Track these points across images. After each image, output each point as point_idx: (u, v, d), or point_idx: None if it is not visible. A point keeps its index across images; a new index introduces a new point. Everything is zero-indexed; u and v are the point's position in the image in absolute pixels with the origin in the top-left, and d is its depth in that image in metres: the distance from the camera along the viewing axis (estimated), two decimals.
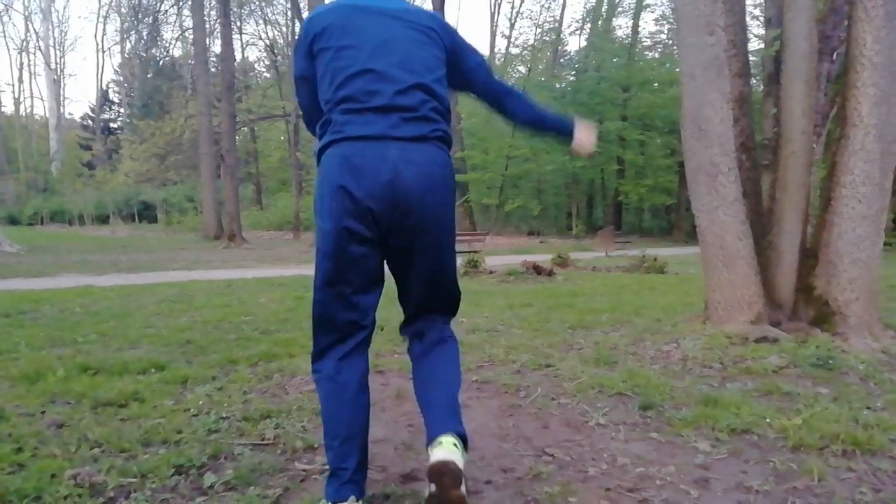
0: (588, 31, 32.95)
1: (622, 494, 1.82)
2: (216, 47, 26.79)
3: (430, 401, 1.66)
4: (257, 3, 31.59)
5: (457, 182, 1.86)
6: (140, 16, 29.65)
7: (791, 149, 3.85)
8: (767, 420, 2.35)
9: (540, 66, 34.49)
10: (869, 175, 3.54)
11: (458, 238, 13.08)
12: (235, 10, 28.32)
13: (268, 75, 36.96)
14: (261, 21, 34.41)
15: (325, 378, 1.66)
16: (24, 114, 54.36)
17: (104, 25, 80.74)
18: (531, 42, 35.70)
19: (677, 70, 10.15)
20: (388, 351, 3.75)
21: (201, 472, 1.93)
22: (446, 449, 1.48)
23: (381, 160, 1.56)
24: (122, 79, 48.26)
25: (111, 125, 49.11)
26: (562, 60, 33.65)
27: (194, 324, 4.57)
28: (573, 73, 29.59)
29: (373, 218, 1.57)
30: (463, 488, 1.44)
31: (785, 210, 3.89)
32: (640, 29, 31.47)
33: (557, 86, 28.64)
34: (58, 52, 56.28)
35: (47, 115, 53.03)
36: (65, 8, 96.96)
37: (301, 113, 1.90)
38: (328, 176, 1.59)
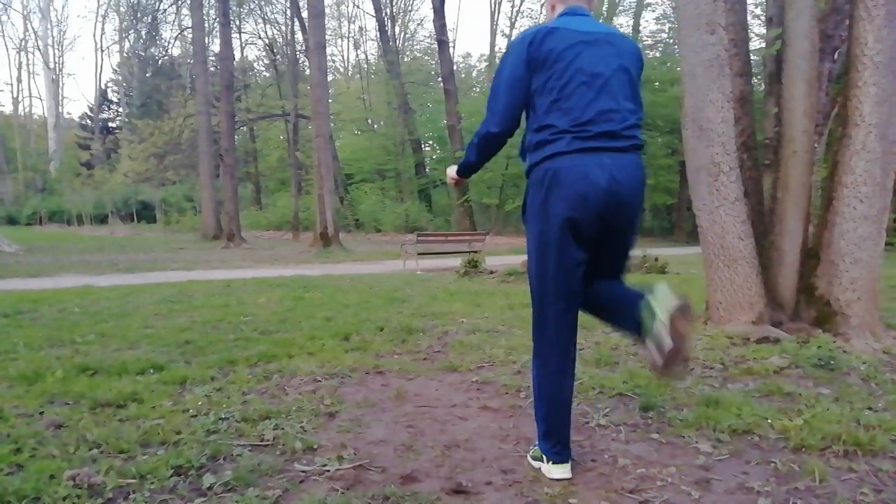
0: None
1: (623, 495, 1.81)
2: (215, 46, 26.79)
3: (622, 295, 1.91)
4: (256, 2, 31.51)
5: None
6: (139, 15, 29.62)
7: (792, 148, 3.85)
8: (769, 421, 2.35)
9: None
10: (870, 175, 3.53)
11: (457, 238, 12.88)
12: (234, 8, 28.25)
13: (267, 74, 36.86)
14: (260, 20, 34.27)
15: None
16: (22, 113, 54.54)
17: (103, 25, 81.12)
18: None
19: (678, 69, 10.14)
20: (389, 351, 3.74)
21: (200, 473, 1.93)
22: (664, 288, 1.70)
23: None
24: (120, 78, 48.23)
25: (110, 125, 49.06)
26: None
27: (193, 324, 4.55)
28: None
29: None
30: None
31: (786, 210, 3.88)
32: (640, 28, 31.44)
33: None
34: (56, 51, 56.68)
35: (46, 114, 53.17)
36: (63, 7, 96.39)
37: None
38: None
